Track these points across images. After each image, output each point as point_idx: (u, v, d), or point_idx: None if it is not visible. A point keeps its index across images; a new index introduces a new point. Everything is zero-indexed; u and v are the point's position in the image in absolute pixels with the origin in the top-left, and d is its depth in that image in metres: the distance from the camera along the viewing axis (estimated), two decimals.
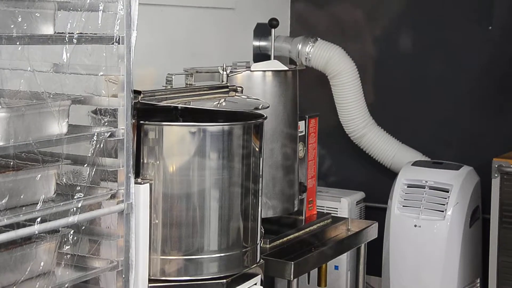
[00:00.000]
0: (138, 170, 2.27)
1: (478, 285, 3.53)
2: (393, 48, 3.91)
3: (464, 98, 3.76)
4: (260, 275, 2.54)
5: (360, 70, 3.78)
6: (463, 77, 3.76)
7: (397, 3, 3.89)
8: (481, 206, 3.49)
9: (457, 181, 3.43)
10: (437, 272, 3.40)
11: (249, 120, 2.47)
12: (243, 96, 2.69)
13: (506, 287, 3.26)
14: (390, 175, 3.71)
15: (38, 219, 1.83)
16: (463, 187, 3.43)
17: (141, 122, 2.29)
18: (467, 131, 3.75)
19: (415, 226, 3.41)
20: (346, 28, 3.98)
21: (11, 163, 1.88)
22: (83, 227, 2.03)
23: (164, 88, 2.56)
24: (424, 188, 3.45)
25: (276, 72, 2.96)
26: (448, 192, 3.41)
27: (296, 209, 3.06)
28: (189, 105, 2.47)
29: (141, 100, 2.30)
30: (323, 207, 3.46)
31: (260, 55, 3.63)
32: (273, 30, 3.39)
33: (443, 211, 3.39)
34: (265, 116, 2.54)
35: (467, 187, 3.45)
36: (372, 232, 3.25)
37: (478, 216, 3.48)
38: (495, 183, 3.24)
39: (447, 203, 3.39)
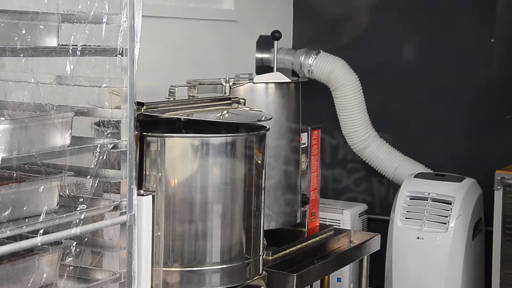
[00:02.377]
0: (140, 181, 2.26)
1: None
2: (396, 60, 3.92)
3: (467, 111, 3.77)
4: (263, 287, 2.53)
5: (362, 82, 3.79)
6: (466, 90, 3.76)
7: (398, 16, 3.91)
8: (483, 218, 3.49)
9: (460, 193, 3.44)
10: (439, 285, 3.41)
11: (252, 132, 2.46)
12: (245, 108, 2.69)
13: None
14: (393, 187, 3.72)
15: (41, 231, 1.83)
16: (466, 199, 3.44)
17: (144, 134, 2.29)
18: (469, 143, 3.76)
19: (418, 238, 3.41)
20: (348, 40, 3.99)
21: (14, 174, 1.88)
22: (86, 239, 2.03)
23: (167, 100, 2.57)
24: (427, 200, 3.45)
25: (279, 84, 2.96)
26: (450, 204, 3.41)
27: (298, 221, 3.05)
28: (192, 117, 2.47)
29: (144, 112, 2.30)
30: (326, 219, 3.47)
31: (263, 67, 3.64)
32: (275, 42, 3.39)
33: (445, 223, 3.39)
34: (268, 128, 2.54)
35: (469, 199, 3.45)
36: (375, 244, 3.24)
37: (481, 228, 3.48)
38: (498, 195, 3.25)
39: (450, 215, 3.39)
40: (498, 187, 3.24)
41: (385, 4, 3.93)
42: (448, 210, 3.40)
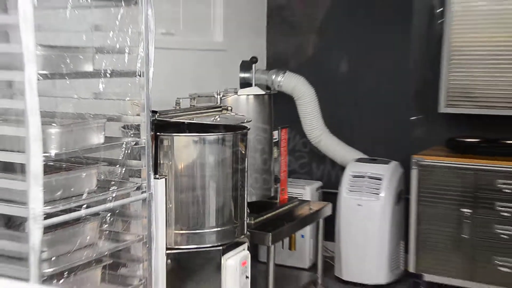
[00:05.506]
0: (156, 168, 2.27)
1: (402, 245, 3.53)
2: (339, 75, 3.89)
3: (392, 110, 3.75)
4: (247, 243, 2.54)
5: (317, 92, 3.77)
6: (389, 96, 3.75)
7: (338, 43, 3.87)
8: (404, 190, 3.49)
9: (387, 172, 3.45)
10: (373, 237, 3.41)
11: (237, 131, 2.47)
12: (232, 113, 2.69)
13: (421, 246, 3.27)
14: (340, 169, 3.72)
15: (84, 206, 1.85)
16: (391, 176, 3.44)
17: (158, 133, 2.30)
18: (393, 136, 3.74)
19: (358, 205, 3.41)
20: (306, 63, 3.97)
21: (64, 165, 1.90)
22: (117, 211, 2.04)
23: (174, 108, 2.58)
24: (364, 177, 3.46)
25: (257, 96, 2.96)
26: (381, 180, 3.41)
27: (272, 195, 3.07)
28: (193, 120, 2.47)
29: (157, 117, 2.31)
30: (292, 193, 3.45)
31: (245, 83, 3.65)
32: (253, 65, 3.39)
33: (377, 194, 3.39)
34: (249, 127, 2.55)
35: (394, 176, 3.46)
36: (328, 210, 3.26)
37: (402, 196, 3.49)
38: (414, 173, 3.26)
39: (380, 188, 3.40)
40: (414, 167, 3.25)
41: (329, 36, 3.91)
42: (379, 184, 3.40)
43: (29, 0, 1.58)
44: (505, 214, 3.06)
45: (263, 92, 3.02)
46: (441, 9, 3.46)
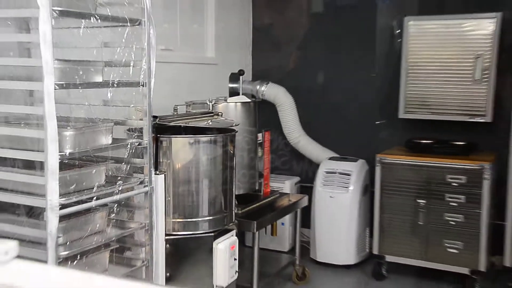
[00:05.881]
0: (156, 166, 2.26)
1: (367, 231, 3.55)
2: (315, 85, 3.89)
3: (359, 116, 3.76)
4: (235, 230, 2.54)
5: (295, 100, 3.78)
6: (357, 105, 3.76)
7: (314, 58, 3.88)
8: (369, 184, 3.49)
9: (355, 168, 3.46)
10: (343, 224, 3.42)
11: (227, 133, 2.47)
12: (222, 118, 2.69)
13: (383, 231, 3.28)
14: (315, 166, 3.71)
15: (94, 198, 1.84)
16: (359, 172, 3.46)
17: (158, 136, 2.29)
18: (361, 138, 3.75)
19: (330, 197, 3.42)
20: (286, 74, 3.98)
21: (77, 162, 1.90)
22: (123, 202, 2.03)
23: (172, 114, 2.57)
24: (336, 173, 3.46)
25: (243, 103, 2.96)
26: (350, 175, 3.42)
27: (257, 188, 3.06)
28: (188, 124, 2.46)
29: (158, 122, 2.30)
30: (274, 186, 3.43)
31: (233, 93, 3.64)
32: (241, 77, 3.39)
33: (347, 187, 3.40)
34: (237, 130, 2.56)
35: (361, 172, 3.47)
36: (304, 201, 3.27)
37: (368, 189, 3.49)
38: (378, 170, 3.26)
39: (349, 182, 3.41)
40: (378, 164, 3.26)
41: (306, 52, 3.92)
42: (348, 179, 3.41)
43: (47, 22, 1.59)
44: (453, 204, 3.09)
45: (249, 100, 3.03)
46: (399, 30, 3.49)
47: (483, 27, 3.15)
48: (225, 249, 2.41)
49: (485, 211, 3.04)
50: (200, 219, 2.37)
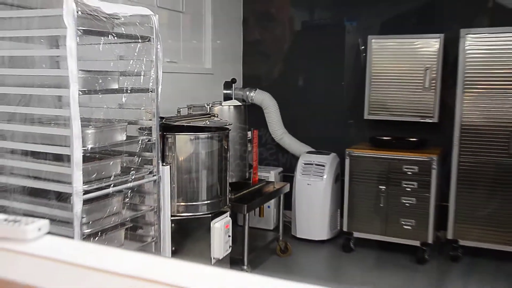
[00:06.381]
0: (163, 158, 2.26)
1: (338, 212, 3.49)
2: (296, 92, 3.87)
3: (332, 117, 3.75)
4: (229, 212, 2.54)
5: (279, 103, 3.77)
6: (331, 107, 3.74)
7: (294, 67, 3.87)
8: (340, 173, 3.48)
9: (328, 161, 3.45)
10: (318, 207, 3.41)
11: (221, 131, 2.47)
12: (218, 119, 2.68)
13: (351, 212, 3.28)
14: (296, 158, 3.68)
15: (112, 185, 1.84)
16: (331, 164, 3.45)
17: (164, 133, 2.28)
18: (333, 135, 3.74)
19: (308, 184, 3.40)
20: (272, 82, 3.95)
21: (97, 156, 1.89)
22: (135, 189, 2.03)
23: (176, 115, 2.56)
24: (312, 164, 3.44)
25: (236, 106, 2.96)
26: (324, 166, 3.41)
27: (247, 177, 3.05)
28: (190, 123, 2.45)
29: (164, 122, 2.29)
30: (262, 176, 3.42)
31: (227, 98, 3.64)
32: (233, 84, 3.40)
33: (321, 176, 3.39)
34: (230, 129, 2.55)
35: (333, 164, 3.46)
36: (286, 188, 3.26)
37: (339, 178, 3.48)
38: (347, 161, 3.26)
39: (324, 172, 3.40)
40: (347, 157, 3.26)
41: (289, 63, 3.91)
42: (323, 170, 3.40)
43: (73, 39, 1.59)
44: (408, 189, 3.11)
45: (240, 104, 3.02)
46: (364, 47, 3.50)
47: (430, 45, 3.18)
48: (220, 227, 2.41)
49: (433, 195, 3.08)
50: (199, 202, 2.37)
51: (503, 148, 2.96)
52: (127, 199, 1.98)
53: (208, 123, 2.48)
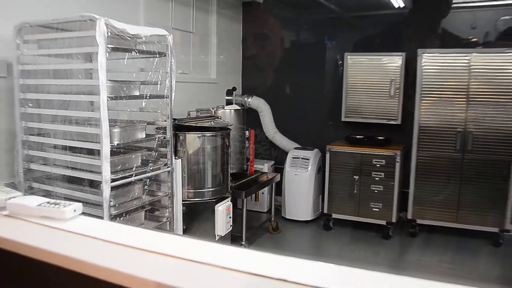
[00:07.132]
0: (175, 153, 2.26)
1: (320, 197, 3.49)
2: (286, 98, 3.86)
3: (316, 119, 3.74)
4: (230, 197, 2.53)
5: (271, 108, 3.76)
6: (314, 111, 3.74)
7: (282, 76, 3.85)
8: (322, 165, 3.48)
9: (312, 155, 3.44)
10: (303, 193, 3.40)
11: (224, 130, 2.46)
12: (221, 120, 2.67)
13: (331, 197, 3.28)
14: (285, 153, 3.67)
15: (134, 174, 1.83)
16: (315, 158, 3.44)
17: (177, 132, 2.27)
18: (316, 134, 3.73)
19: (295, 174, 3.40)
20: (266, 89, 3.94)
21: (121, 150, 1.88)
22: (153, 178, 2.03)
23: (186, 117, 2.56)
24: (299, 158, 3.43)
25: (236, 110, 2.94)
26: (309, 160, 3.41)
27: (245, 168, 3.04)
28: (198, 124, 2.44)
29: (176, 123, 2.29)
30: (257, 167, 3.41)
31: (229, 103, 3.63)
32: (234, 92, 3.39)
33: (306, 168, 3.39)
34: (231, 129, 2.55)
35: (316, 158, 3.45)
36: (277, 178, 3.24)
37: (321, 169, 3.48)
38: (327, 156, 3.26)
39: (308, 164, 3.39)
40: (327, 152, 3.26)
41: (280, 74, 3.88)
42: (308, 163, 3.40)
43: (103, 55, 1.59)
44: (377, 178, 3.12)
45: (240, 108, 3.00)
46: (341, 62, 3.50)
47: (395, 61, 3.20)
48: (223, 210, 2.41)
49: (396, 183, 3.10)
50: (206, 189, 2.37)
51: (452, 145, 3.00)
52: (146, 186, 1.98)
53: (213, 123, 2.48)
